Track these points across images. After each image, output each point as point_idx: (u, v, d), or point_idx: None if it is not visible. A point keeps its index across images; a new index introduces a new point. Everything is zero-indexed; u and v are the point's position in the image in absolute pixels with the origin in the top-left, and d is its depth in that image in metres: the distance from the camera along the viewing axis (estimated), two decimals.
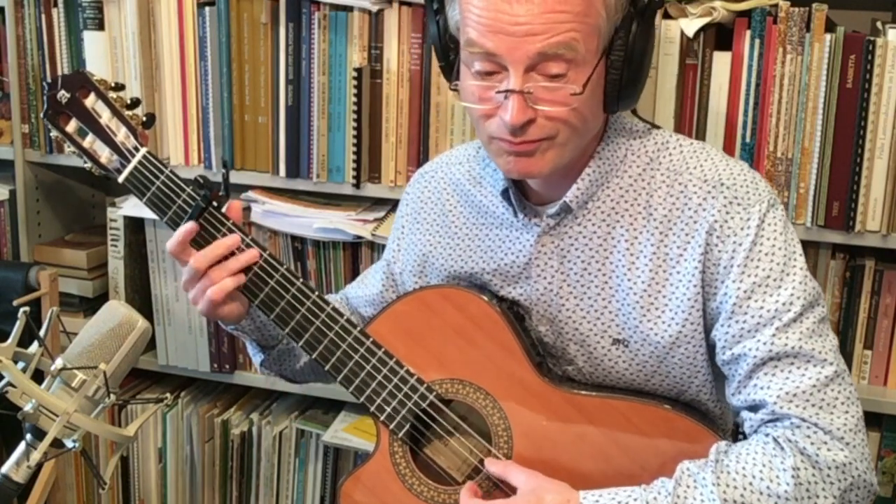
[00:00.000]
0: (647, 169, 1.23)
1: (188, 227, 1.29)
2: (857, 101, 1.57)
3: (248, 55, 1.84)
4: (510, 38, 1.09)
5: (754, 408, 1.17)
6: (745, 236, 1.17)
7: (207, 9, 1.84)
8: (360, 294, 1.50)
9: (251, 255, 1.29)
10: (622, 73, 1.14)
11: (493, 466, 1.24)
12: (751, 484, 1.09)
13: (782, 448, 1.11)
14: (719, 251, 1.18)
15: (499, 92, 1.12)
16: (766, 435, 1.14)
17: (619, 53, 1.14)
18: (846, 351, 1.73)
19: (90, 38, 1.90)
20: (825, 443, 1.11)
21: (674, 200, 1.21)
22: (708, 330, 1.21)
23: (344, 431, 1.95)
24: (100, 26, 1.89)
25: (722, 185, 1.19)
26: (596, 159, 1.23)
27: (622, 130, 1.25)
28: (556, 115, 1.13)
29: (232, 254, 1.29)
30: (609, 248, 1.24)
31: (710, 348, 1.23)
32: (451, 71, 1.22)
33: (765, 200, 1.19)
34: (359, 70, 1.77)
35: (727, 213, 1.18)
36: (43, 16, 1.95)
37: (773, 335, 1.14)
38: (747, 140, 1.64)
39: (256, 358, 1.46)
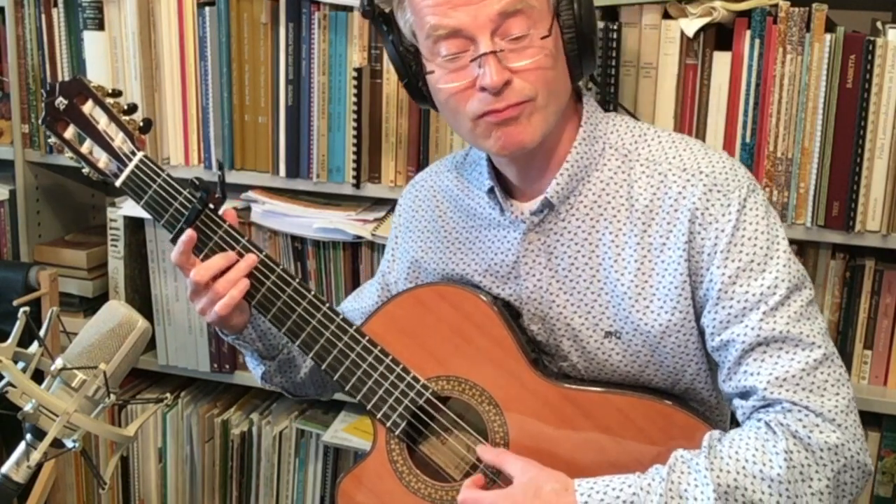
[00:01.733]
0: (625, 161, 1.24)
1: (187, 235, 1.29)
2: (857, 101, 1.57)
3: (248, 55, 1.84)
4: (469, 8, 1.13)
5: (745, 394, 1.18)
6: (727, 222, 1.18)
7: (207, 9, 1.84)
8: (356, 307, 1.51)
9: (250, 260, 1.30)
10: (577, 33, 1.18)
11: (487, 454, 1.24)
12: (744, 468, 1.09)
13: (774, 432, 1.12)
14: (702, 238, 1.18)
15: (472, 60, 1.15)
16: (759, 420, 1.15)
17: (568, 13, 1.18)
18: (846, 351, 1.73)
19: (90, 38, 1.91)
20: (817, 425, 1.12)
21: (654, 190, 1.22)
22: (698, 318, 1.22)
23: (344, 431, 1.95)
24: (100, 26, 1.89)
25: (701, 172, 1.20)
26: (573, 153, 1.24)
27: (598, 124, 1.27)
28: (531, 67, 1.15)
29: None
30: (594, 242, 1.24)
31: (702, 337, 1.23)
32: (416, 87, 1.24)
33: (744, 186, 1.20)
34: (359, 70, 1.77)
35: (707, 200, 1.19)
36: (43, 16, 1.95)
37: (761, 320, 1.15)
38: (747, 140, 1.64)
39: (257, 371, 1.46)
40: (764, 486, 1.09)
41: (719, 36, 1.64)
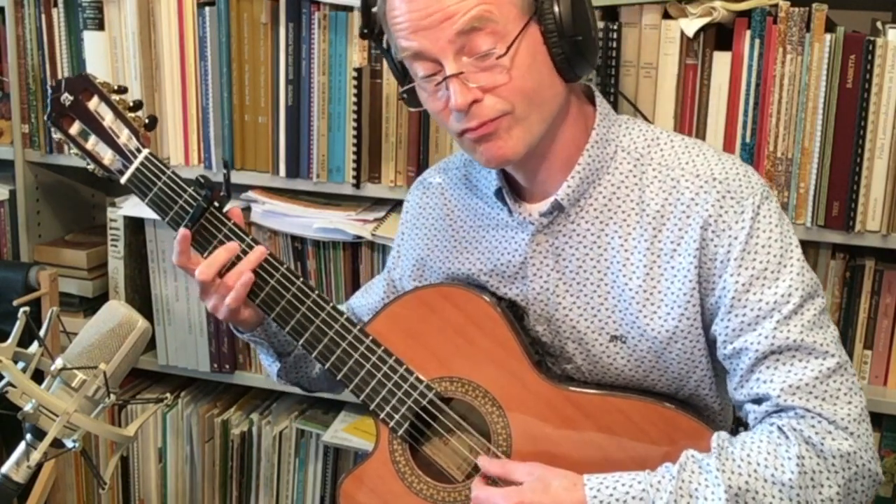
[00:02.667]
0: (637, 165, 1.24)
1: (181, 234, 1.29)
2: (857, 101, 1.57)
3: (248, 55, 1.84)
4: (428, 31, 1.13)
5: (758, 401, 1.17)
6: (741, 229, 1.17)
7: (207, 9, 1.84)
8: (363, 303, 1.51)
9: (259, 253, 1.30)
10: (560, 35, 1.16)
11: (493, 467, 1.23)
12: (755, 471, 1.09)
13: (787, 437, 1.12)
14: (715, 246, 1.18)
15: (437, 84, 1.15)
16: (771, 424, 1.15)
17: (549, 17, 1.16)
18: (846, 351, 1.73)
19: (90, 38, 1.91)
20: (829, 432, 1.12)
21: (666, 195, 1.21)
22: (706, 325, 1.22)
23: (344, 431, 1.95)
24: (100, 26, 1.89)
25: (714, 179, 1.20)
26: (585, 156, 1.24)
27: (612, 126, 1.26)
28: (496, 84, 1.14)
29: (237, 256, 1.30)
30: (603, 245, 1.24)
31: (709, 344, 1.23)
32: (414, 97, 1.24)
33: (758, 193, 1.19)
34: (359, 70, 1.77)
35: (721, 207, 1.18)
36: (43, 16, 1.95)
37: (774, 328, 1.15)
38: (747, 140, 1.64)
39: (273, 368, 1.46)
40: (775, 491, 1.09)
41: (719, 36, 1.64)
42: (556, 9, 1.16)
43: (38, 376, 1.24)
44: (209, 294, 1.31)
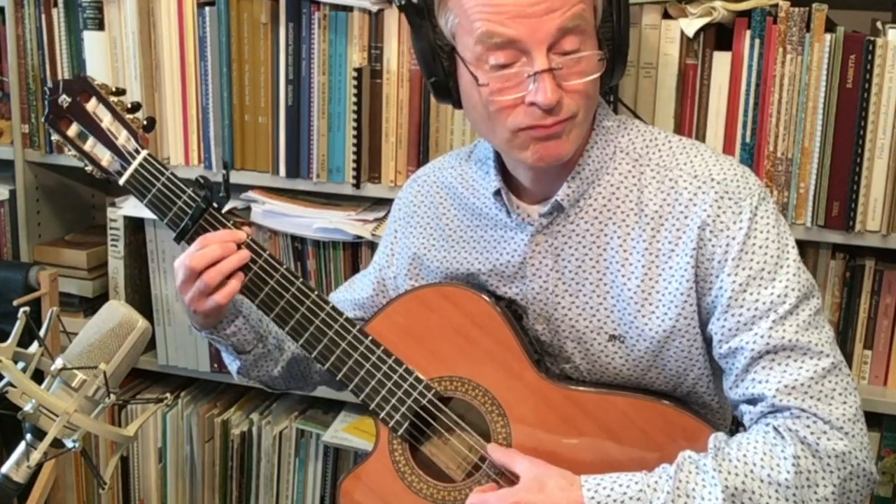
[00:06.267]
0: (636, 165, 1.24)
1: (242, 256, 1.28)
2: (857, 101, 1.57)
3: (248, 55, 1.84)
4: (530, 20, 1.11)
5: (753, 401, 1.17)
6: (738, 230, 1.18)
7: (207, 9, 1.84)
8: (348, 297, 1.50)
9: (242, 256, 1.29)
10: (613, 44, 1.18)
11: (496, 453, 1.24)
12: (752, 471, 1.10)
13: (783, 437, 1.12)
14: (713, 246, 1.18)
15: (529, 76, 1.13)
16: (767, 425, 1.15)
17: (607, 25, 1.18)
18: (846, 351, 1.73)
19: (90, 38, 1.91)
20: (825, 432, 1.12)
21: (664, 196, 1.21)
22: (703, 325, 1.22)
23: (344, 431, 1.95)
24: (100, 26, 1.90)
25: (712, 180, 1.20)
26: (585, 157, 1.24)
27: (610, 128, 1.26)
28: (581, 88, 1.15)
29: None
30: (602, 245, 1.24)
31: (707, 343, 1.24)
32: (444, 86, 1.22)
33: (755, 194, 1.20)
34: (359, 70, 1.77)
35: (719, 207, 1.18)
36: (43, 16, 1.95)
37: (770, 328, 1.15)
38: (747, 140, 1.64)
39: (233, 366, 1.45)
40: (771, 491, 1.09)
41: (719, 36, 1.65)
42: (613, 20, 1.17)
43: (38, 376, 1.24)
44: (190, 286, 1.29)
